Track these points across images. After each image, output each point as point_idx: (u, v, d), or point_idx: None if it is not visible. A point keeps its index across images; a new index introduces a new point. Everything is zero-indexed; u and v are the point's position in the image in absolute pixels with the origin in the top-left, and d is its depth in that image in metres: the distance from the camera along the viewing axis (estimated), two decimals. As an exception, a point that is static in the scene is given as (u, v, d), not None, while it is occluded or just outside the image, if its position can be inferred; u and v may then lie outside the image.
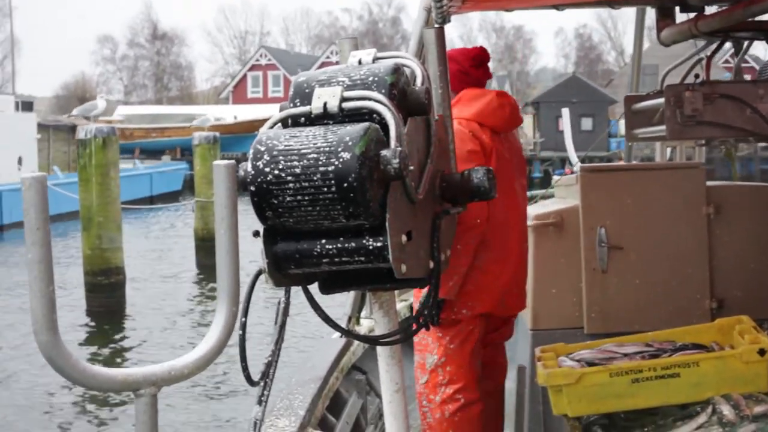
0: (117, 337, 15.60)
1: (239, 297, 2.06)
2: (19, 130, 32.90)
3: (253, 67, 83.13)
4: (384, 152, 2.02)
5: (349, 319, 5.28)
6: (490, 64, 4.43)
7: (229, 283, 2.03)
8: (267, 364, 2.49)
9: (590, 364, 4.04)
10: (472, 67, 4.36)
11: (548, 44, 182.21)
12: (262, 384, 2.48)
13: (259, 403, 2.49)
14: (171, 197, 39.89)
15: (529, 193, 5.80)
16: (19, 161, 32.54)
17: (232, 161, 2.06)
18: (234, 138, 48.02)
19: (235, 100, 77.85)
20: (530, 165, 51.16)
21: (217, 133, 24.29)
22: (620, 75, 69.90)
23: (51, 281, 1.72)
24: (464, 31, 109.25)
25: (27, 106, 38.29)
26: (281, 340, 2.52)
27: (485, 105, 4.30)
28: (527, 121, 60.76)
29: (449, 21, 4.16)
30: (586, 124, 51.41)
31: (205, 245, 21.95)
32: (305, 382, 4.50)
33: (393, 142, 2.04)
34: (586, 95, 55.08)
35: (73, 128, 38.16)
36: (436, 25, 2.93)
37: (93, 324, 16.46)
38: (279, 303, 2.55)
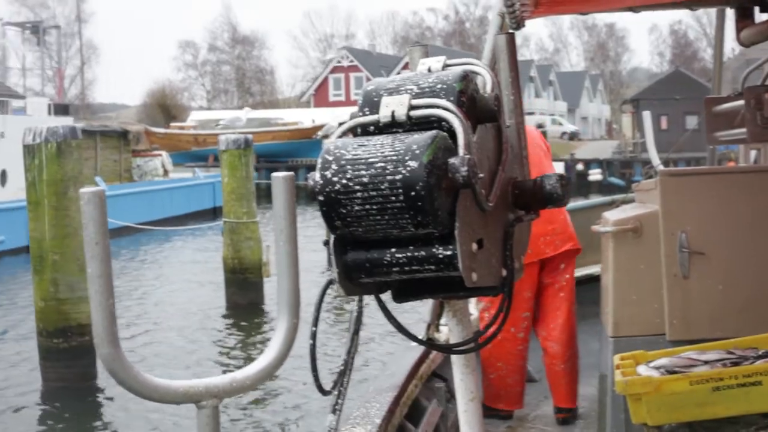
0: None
1: (299, 308, 2.12)
2: None
3: (334, 69, 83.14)
4: (452, 160, 2.03)
5: (428, 326, 5.37)
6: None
7: (289, 295, 2.10)
8: (339, 373, 2.54)
9: (670, 371, 4.08)
10: None
11: (642, 41, 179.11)
12: (336, 393, 2.53)
13: (333, 411, 2.54)
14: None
15: (609, 198, 6.39)
16: None
17: (291, 173, 2.14)
18: (311, 143, 47.95)
19: (317, 104, 78.06)
20: (630, 168, 50.48)
21: (250, 136, 19.73)
22: (723, 70, 68.35)
23: (111, 294, 1.82)
24: (554, 30, 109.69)
25: (61, 109, 35.92)
26: (354, 349, 2.58)
27: None
28: (625, 121, 59.68)
29: (524, 26, 4.35)
30: (691, 122, 50.02)
31: (236, 279, 18.29)
32: (383, 390, 4.55)
33: (461, 150, 2.06)
34: (690, 91, 53.55)
35: (125, 134, 36.66)
36: (510, 31, 2.92)
37: (48, 407, 12.35)
38: (352, 312, 2.62)
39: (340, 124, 2.32)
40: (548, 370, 6.31)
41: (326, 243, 2.20)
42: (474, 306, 6.17)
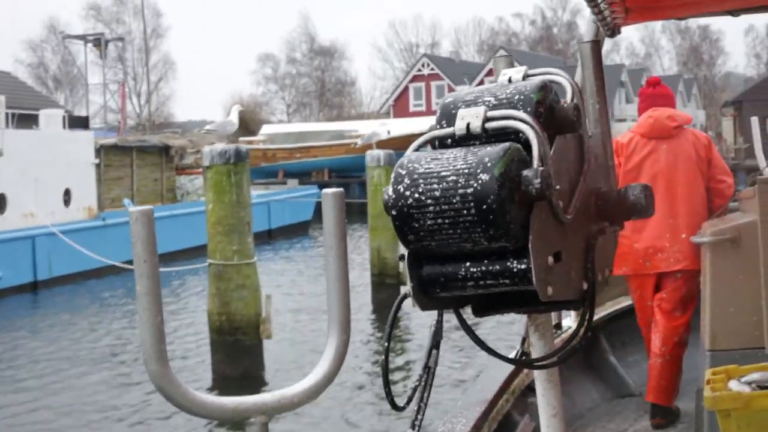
0: None
1: (350, 325, 2.06)
2: (68, 153, 26.44)
3: (414, 78, 79.91)
4: (525, 172, 2.01)
5: (524, 340, 5.29)
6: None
7: (339, 312, 2.05)
8: (414, 388, 2.50)
9: (762, 387, 4.02)
10: (645, 90, 6.75)
11: (737, 44, 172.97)
12: (415, 408, 2.51)
13: (413, 427, 2.53)
14: (298, 229, 35.48)
15: None
16: (67, 195, 26.48)
17: (340, 189, 2.06)
18: None
19: (396, 114, 75.12)
20: (735, 176, 45.22)
21: (244, 147, 14.51)
22: None
23: (159, 312, 1.83)
24: (646, 33, 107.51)
25: (79, 122, 31.35)
26: (434, 363, 2.52)
27: (641, 119, 6.59)
28: (726, 125, 54.68)
29: (619, 33, 4.18)
30: (801, 128, 45.02)
31: (224, 342, 13.36)
32: (471, 405, 4.74)
33: (536, 162, 2.03)
34: None
35: (166, 149, 32.94)
36: (595, 39, 3.01)
37: None
38: (430, 326, 2.56)
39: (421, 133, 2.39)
40: (649, 362, 6.61)
41: (402, 257, 2.17)
42: (573, 320, 6.19)
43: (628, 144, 6.42)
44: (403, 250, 2.15)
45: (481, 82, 70.47)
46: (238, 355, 13.30)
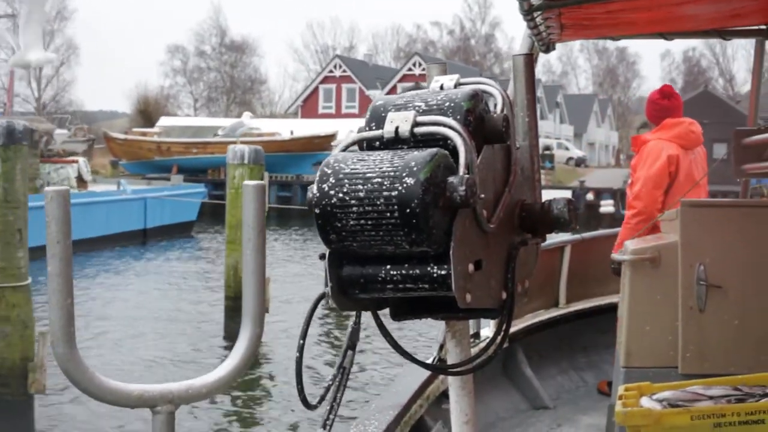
0: None
1: (263, 319, 2.12)
2: None
3: (325, 79, 77.67)
4: (451, 179, 2.03)
5: (441, 346, 5.40)
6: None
7: (253, 305, 2.10)
8: (326, 388, 2.49)
9: (672, 405, 4.08)
10: (662, 100, 6.85)
11: (654, 67, 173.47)
12: (327, 408, 2.50)
13: (324, 426, 2.53)
14: (178, 230, 32.41)
15: None
16: None
17: (262, 182, 2.09)
18: (288, 157, 41.19)
19: (305, 115, 72.81)
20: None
21: (21, 124, 10.83)
22: (743, 100, 62.35)
23: (70, 294, 1.83)
24: (564, 51, 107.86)
25: None
26: (349, 364, 2.50)
27: (679, 130, 6.63)
28: (642, 147, 53.37)
29: (554, 49, 4.25)
30: (720, 151, 43.13)
31: None
32: (384, 408, 4.75)
33: (462, 169, 2.06)
34: (720, 115, 47.20)
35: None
36: (528, 52, 2.99)
37: None
38: (349, 327, 2.56)
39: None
40: None
41: (323, 257, 2.18)
42: (490, 329, 6.09)
43: (676, 156, 6.69)
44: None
45: (395, 88, 68.51)
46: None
